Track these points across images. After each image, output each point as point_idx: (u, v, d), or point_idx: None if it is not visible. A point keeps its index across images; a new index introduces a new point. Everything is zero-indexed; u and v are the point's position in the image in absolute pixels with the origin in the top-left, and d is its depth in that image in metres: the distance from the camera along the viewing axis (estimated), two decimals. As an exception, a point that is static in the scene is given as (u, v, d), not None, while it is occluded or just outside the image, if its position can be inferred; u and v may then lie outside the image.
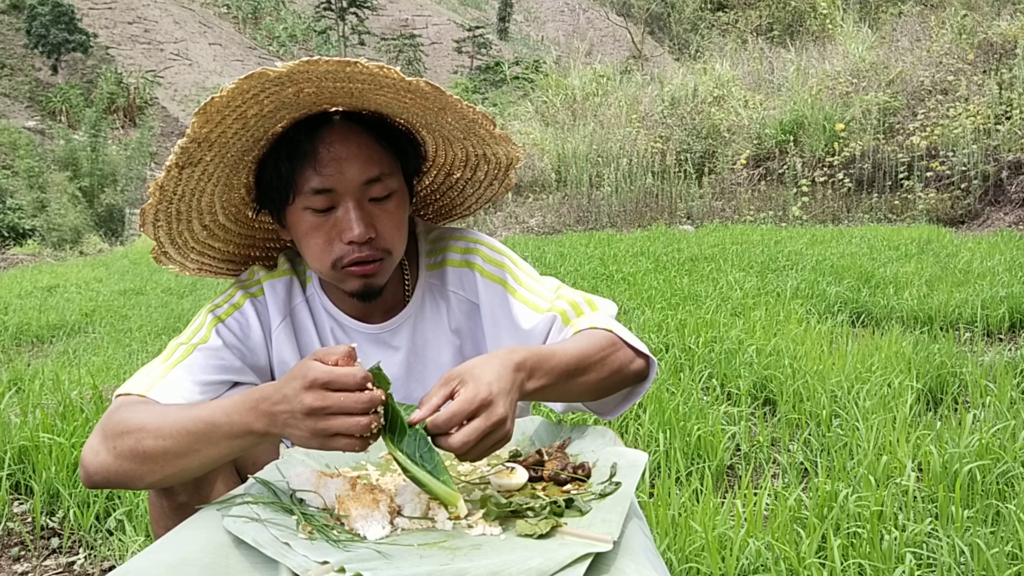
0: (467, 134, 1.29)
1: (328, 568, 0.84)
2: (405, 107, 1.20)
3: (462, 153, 1.37)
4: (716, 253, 6.93)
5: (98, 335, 6.10)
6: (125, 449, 1.04)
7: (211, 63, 43.14)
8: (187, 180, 1.19)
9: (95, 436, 1.08)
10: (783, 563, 1.82)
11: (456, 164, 1.40)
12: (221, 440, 1.00)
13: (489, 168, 1.41)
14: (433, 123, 1.26)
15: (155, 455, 1.03)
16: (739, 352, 3.54)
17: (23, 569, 2.12)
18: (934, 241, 7.04)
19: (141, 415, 1.07)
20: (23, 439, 2.50)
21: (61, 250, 15.40)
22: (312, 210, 1.20)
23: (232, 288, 1.33)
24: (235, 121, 1.12)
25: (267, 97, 1.10)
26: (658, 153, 12.26)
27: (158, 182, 1.16)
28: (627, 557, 0.86)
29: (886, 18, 15.15)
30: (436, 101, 1.16)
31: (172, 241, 1.29)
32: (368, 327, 1.33)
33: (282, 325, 1.30)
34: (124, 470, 1.05)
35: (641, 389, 1.27)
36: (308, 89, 1.11)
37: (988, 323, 4.22)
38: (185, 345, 1.23)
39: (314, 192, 1.18)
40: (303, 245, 1.24)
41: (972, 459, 2.21)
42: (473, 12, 64.79)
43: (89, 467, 1.07)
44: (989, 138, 9.46)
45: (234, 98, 1.08)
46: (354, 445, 0.94)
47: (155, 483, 1.07)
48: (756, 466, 2.58)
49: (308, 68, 1.05)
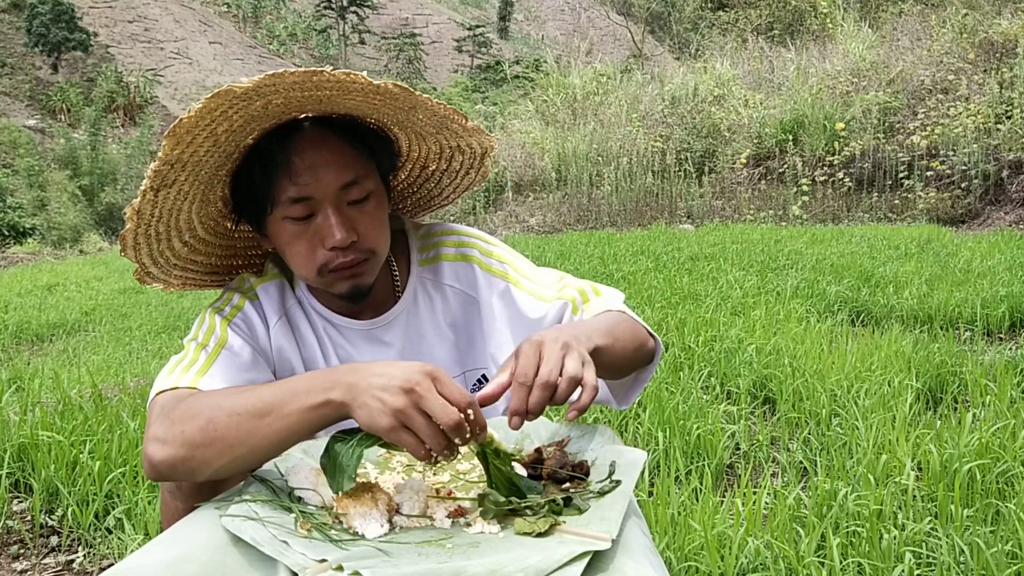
0: (439, 128, 1.29)
1: (326, 566, 0.84)
2: (375, 108, 1.20)
3: (436, 147, 1.37)
4: (716, 252, 6.93)
5: (98, 334, 6.10)
6: (195, 431, 1.01)
7: (211, 62, 43.14)
8: (163, 201, 1.18)
9: (158, 426, 1.05)
10: (782, 562, 1.82)
11: (431, 157, 1.41)
12: (295, 412, 0.98)
13: (464, 158, 1.41)
14: (405, 121, 1.27)
15: (227, 433, 1.00)
16: (739, 351, 3.54)
17: (22, 567, 2.12)
18: (934, 240, 7.04)
19: (211, 398, 1.06)
20: (22, 437, 2.50)
21: (61, 249, 15.41)
22: (291, 219, 1.19)
23: (228, 292, 1.32)
24: (206, 140, 1.11)
25: (235, 112, 1.09)
26: (658, 152, 12.26)
27: (135, 207, 1.15)
28: (626, 556, 0.86)
29: (886, 17, 15.15)
30: (405, 101, 1.16)
31: (154, 261, 1.28)
32: (360, 323, 1.32)
33: (279, 324, 1.30)
34: (192, 455, 1.02)
35: (648, 372, 1.28)
36: (276, 100, 1.10)
37: (988, 322, 4.22)
38: (208, 345, 1.21)
39: (292, 202, 1.18)
40: (287, 255, 1.23)
41: (972, 458, 2.21)
42: (474, 11, 64.77)
43: (154, 457, 1.03)
44: (989, 137, 9.46)
45: (202, 117, 1.07)
46: (419, 450, 0.93)
47: (223, 468, 1.03)
48: (755, 465, 2.58)
49: (275, 81, 1.04)
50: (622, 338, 1.17)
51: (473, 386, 1.36)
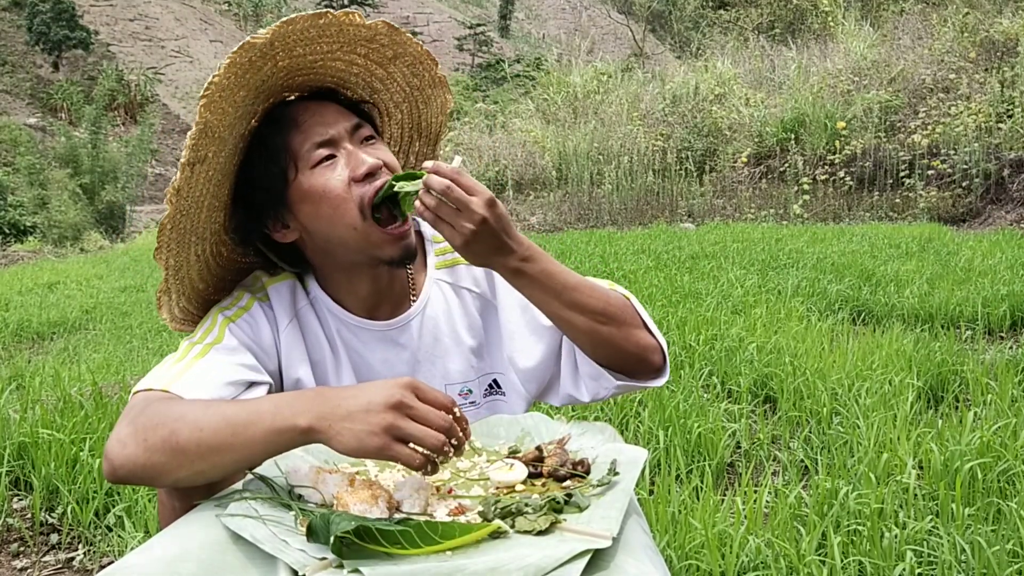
0: (409, 90, 1.37)
1: (326, 564, 0.84)
2: (360, 69, 1.29)
3: (398, 131, 1.44)
4: (717, 251, 6.93)
5: (98, 332, 6.10)
6: (157, 440, 1.01)
7: (212, 60, 43.09)
8: (196, 180, 1.17)
9: (123, 428, 1.04)
10: (783, 560, 1.82)
11: (392, 139, 1.45)
12: (258, 435, 0.98)
13: (421, 144, 1.47)
14: (380, 87, 1.34)
15: (188, 447, 0.99)
16: (740, 350, 3.53)
17: (22, 565, 2.12)
18: (935, 239, 7.03)
19: (177, 407, 1.05)
20: (23, 435, 2.50)
21: (62, 247, 15.38)
22: (317, 166, 1.22)
23: (238, 291, 1.30)
24: (229, 105, 1.13)
25: (250, 75, 1.15)
26: (659, 151, 12.24)
27: (174, 186, 1.14)
28: (626, 554, 0.86)
29: (887, 16, 15.12)
30: (390, 46, 1.27)
31: (176, 272, 1.25)
32: (374, 324, 1.31)
33: (289, 327, 1.28)
34: (153, 463, 1.01)
35: (641, 382, 1.27)
36: (282, 63, 1.18)
37: (989, 321, 4.22)
38: (200, 345, 1.20)
39: (315, 147, 1.21)
40: (321, 212, 1.22)
41: (973, 457, 2.21)
42: (474, 10, 64.74)
43: (115, 460, 1.02)
44: (991, 136, 9.44)
45: (228, 74, 1.11)
46: (415, 459, 0.93)
47: (181, 479, 1.03)
48: (756, 464, 2.58)
49: (286, 29, 1.14)
50: (594, 298, 1.20)
51: (485, 390, 1.36)
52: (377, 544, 0.85)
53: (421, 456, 0.94)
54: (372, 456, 0.94)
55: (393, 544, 0.85)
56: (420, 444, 0.93)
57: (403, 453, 0.93)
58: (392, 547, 0.85)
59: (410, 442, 0.94)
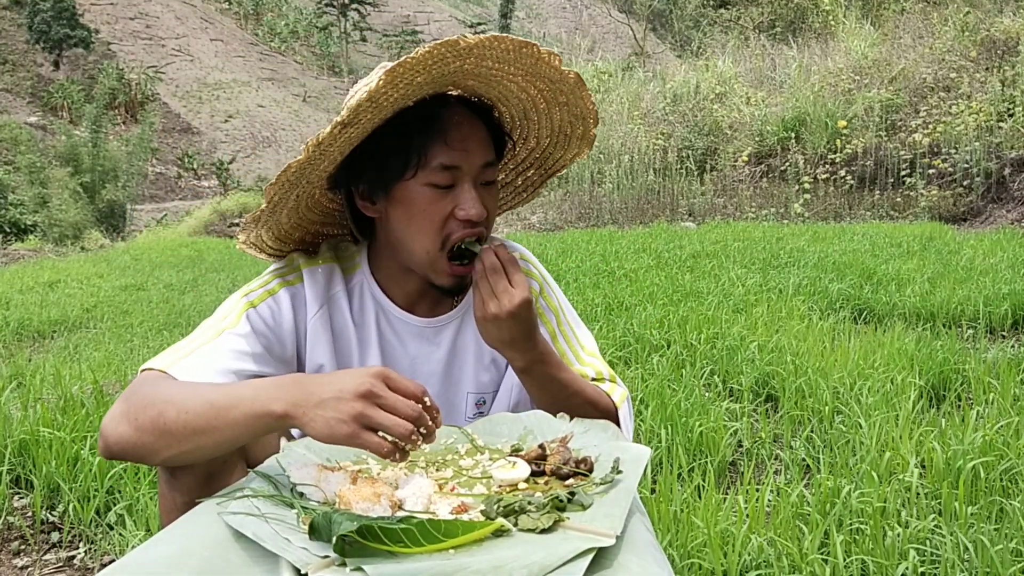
0: (559, 134, 1.36)
1: (329, 562, 0.83)
2: (529, 100, 1.28)
3: (524, 153, 1.43)
4: (718, 250, 6.92)
5: (99, 331, 6.10)
6: (147, 420, 1.04)
7: (212, 59, 43.11)
8: (340, 138, 1.16)
9: (117, 407, 1.08)
10: (785, 559, 1.82)
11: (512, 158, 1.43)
12: (238, 419, 1.00)
13: (534, 173, 1.46)
14: (535, 119, 1.33)
15: (175, 428, 1.03)
16: (741, 349, 3.53)
17: (23, 563, 2.11)
18: (936, 238, 7.03)
19: (167, 389, 1.08)
20: (24, 433, 2.50)
21: (62, 246, 15.38)
22: (433, 186, 1.21)
23: (269, 274, 1.31)
24: (407, 85, 1.13)
25: (438, 67, 1.13)
26: (660, 150, 12.25)
27: (319, 138, 1.14)
28: (630, 552, 0.86)
29: (888, 15, 15.10)
30: (567, 94, 1.26)
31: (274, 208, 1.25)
32: (414, 319, 1.34)
33: (319, 314, 1.29)
34: (142, 442, 1.05)
35: None
36: (468, 66, 1.17)
37: (991, 320, 4.22)
38: (213, 329, 1.22)
39: (442, 168, 1.20)
40: (411, 223, 1.23)
41: (975, 456, 2.20)
42: (475, 8, 64.73)
43: (109, 437, 1.07)
44: (991, 135, 9.44)
45: (421, 61, 1.10)
46: (383, 447, 0.95)
47: (169, 459, 1.07)
48: (758, 462, 2.58)
49: (493, 43, 1.13)
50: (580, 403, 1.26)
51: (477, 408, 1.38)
52: (380, 542, 0.84)
53: (389, 444, 0.95)
54: (342, 443, 0.96)
55: (396, 542, 0.85)
56: (388, 432, 0.95)
57: (371, 441, 0.95)
58: (395, 545, 0.84)
59: (379, 430, 0.95)
